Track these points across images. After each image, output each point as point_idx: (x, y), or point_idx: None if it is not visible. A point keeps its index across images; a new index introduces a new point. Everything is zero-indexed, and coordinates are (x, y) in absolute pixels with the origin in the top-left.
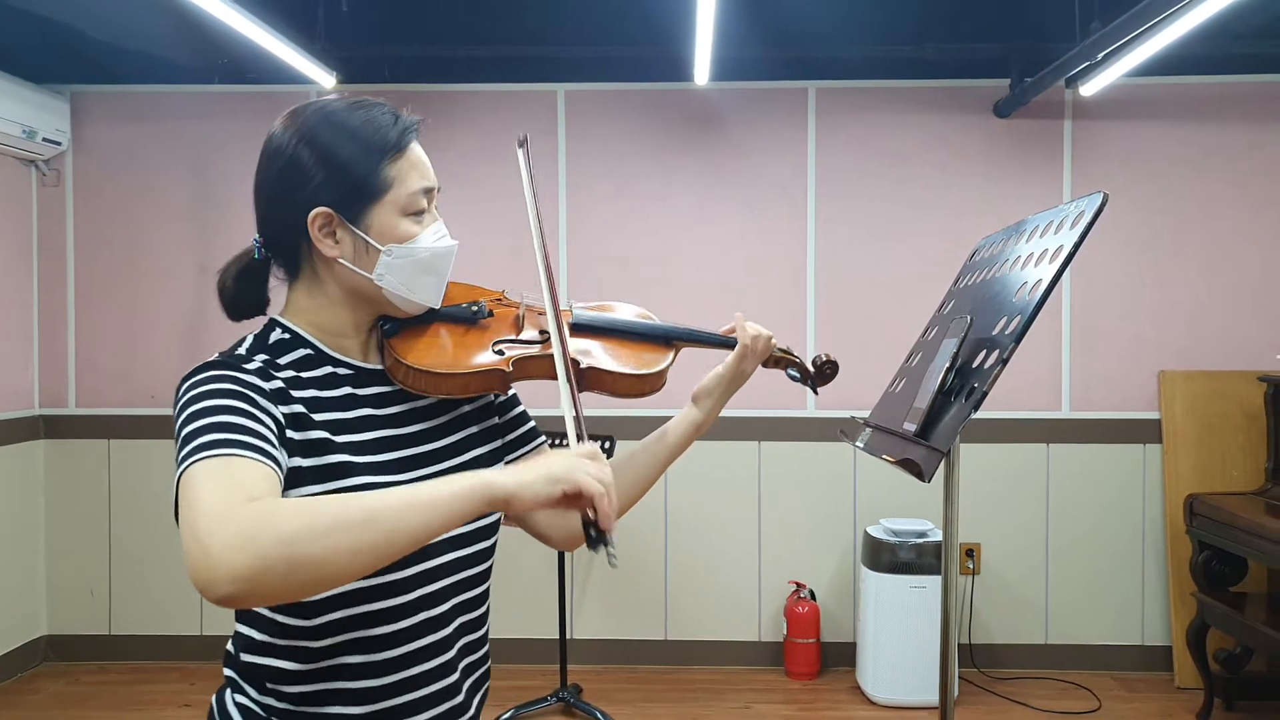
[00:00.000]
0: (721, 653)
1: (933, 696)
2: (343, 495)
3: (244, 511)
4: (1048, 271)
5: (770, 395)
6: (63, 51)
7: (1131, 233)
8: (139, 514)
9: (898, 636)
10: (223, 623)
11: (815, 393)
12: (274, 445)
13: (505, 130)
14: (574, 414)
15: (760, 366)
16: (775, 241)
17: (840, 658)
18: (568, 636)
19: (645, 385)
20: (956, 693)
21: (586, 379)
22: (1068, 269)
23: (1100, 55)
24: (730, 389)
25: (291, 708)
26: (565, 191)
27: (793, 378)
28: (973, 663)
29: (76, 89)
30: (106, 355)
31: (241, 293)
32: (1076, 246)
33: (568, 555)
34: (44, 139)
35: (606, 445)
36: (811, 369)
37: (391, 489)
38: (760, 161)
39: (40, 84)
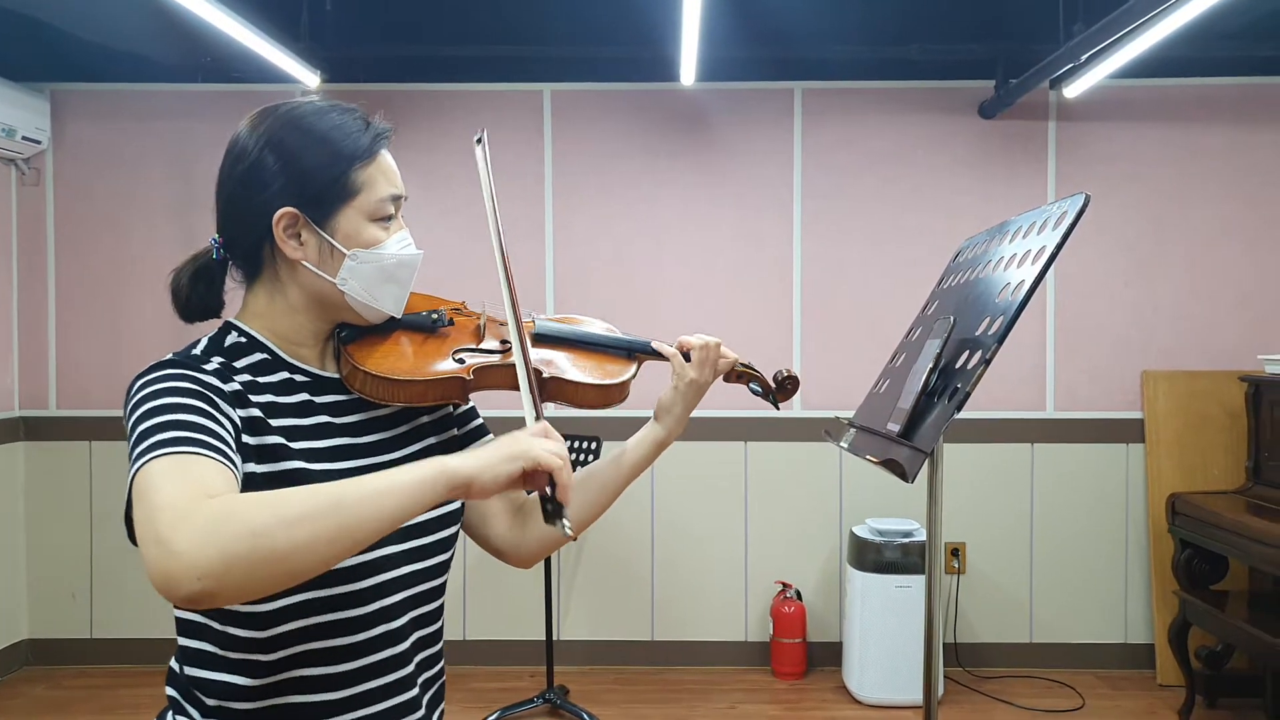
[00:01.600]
0: (708, 653)
1: (918, 695)
2: (306, 486)
3: (206, 506)
4: (1030, 272)
5: (756, 397)
6: (43, 49)
7: (1115, 233)
8: (121, 517)
9: (883, 636)
10: None
11: (776, 407)
12: (231, 448)
13: (492, 131)
14: (531, 395)
15: (722, 381)
16: (761, 241)
17: (826, 657)
18: (554, 638)
19: (608, 396)
20: (941, 692)
21: (549, 389)
22: (1051, 270)
23: (1084, 57)
24: (688, 402)
25: None
26: (551, 192)
27: (755, 392)
28: (958, 662)
29: (57, 87)
30: (88, 356)
31: (195, 293)
32: (1059, 247)
33: (553, 556)
34: (23, 137)
35: (593, 445)
36: (773, 384)
37: (354, 478)
38: (747, 162)
39: (19, 82)
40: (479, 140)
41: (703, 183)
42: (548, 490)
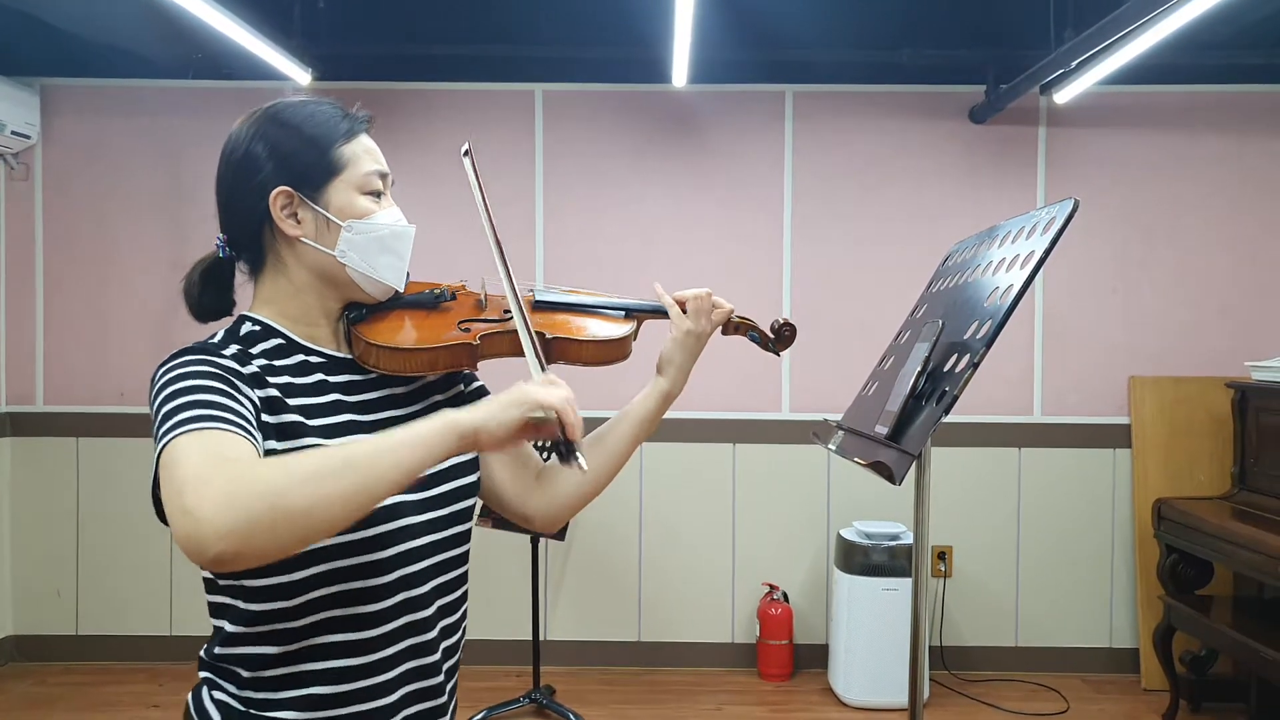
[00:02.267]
0: (695, 654)
1: (904, 698)
2: (319, 449)
3: (225, 470)
4: (1019, 277)
5: (745, 398)
6: (33, 43)
7: (1103, 239)
8: (108, 513)
9: (869, 638)
10: (192, 623)
11: (777, 355)
12: (253, 425)
13: (483, 129)
14: (534, 350)
15: (720, 334)
16: (751, 243)
17: (813, 659)
18: (541, 638)
19: (610, 351)
20: (927, 694)
21: (554, 350)
22: (1040, 274)
23: (1074, 63)
24: (687, 353)
25: (271, 695)
26: (542, 191)
27: (754, 340)
28: (944, 665)
29: (47, 81)
30: (75, 352)
31: (206, 293)
32: (1047, 252)
33: (541, 556)
34: (13, 132)
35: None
36: (770, 334)
37: (365, 437)
38: (737, 164)
39: (9, 76)
40: (466, 153)
41: (693, 184)
42: (559, 434)
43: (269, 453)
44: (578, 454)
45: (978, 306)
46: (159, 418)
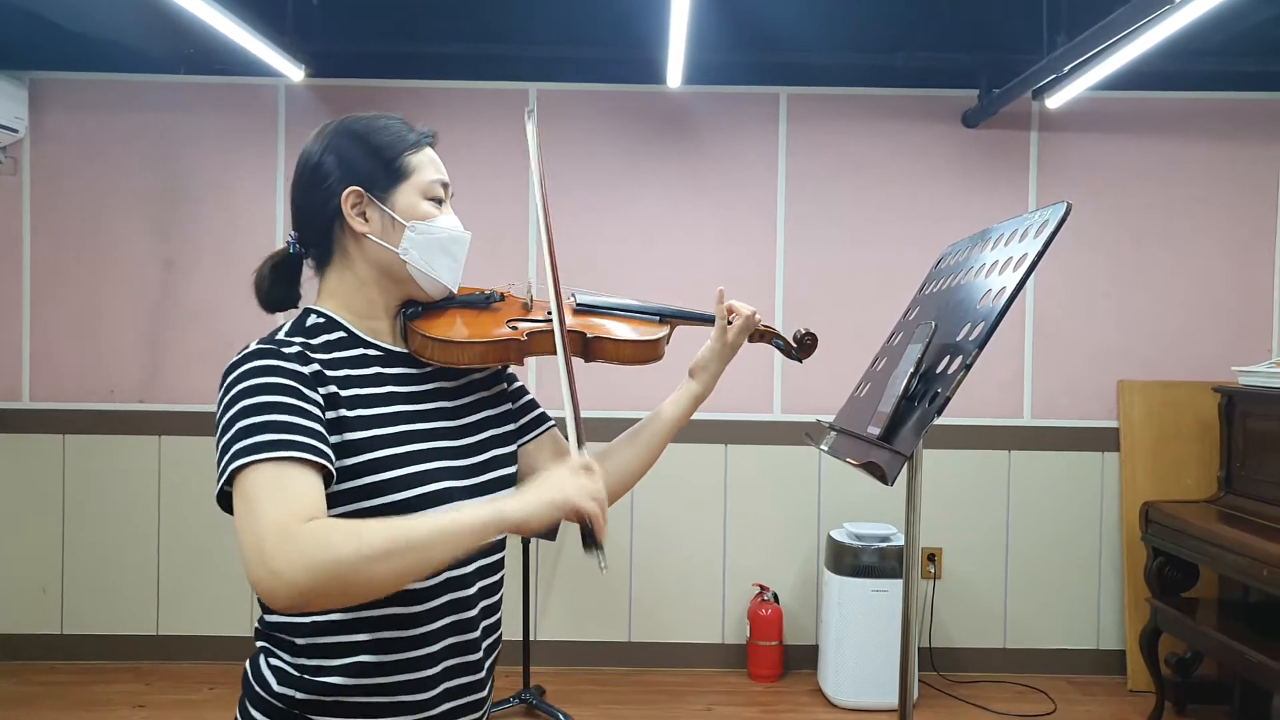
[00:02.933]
0: (685, 655)
1: (893, 699)
2: (386, 523)
3: (304, 533)
4: (1011, 279)
5: (737, 399)
6: (22, 36)
7: (1094, 243)
8: (94, 511)
9: (859, 639)
10: (179, 622)
11: (800, 362)
12: (323, 439)
13: (477, 128)
14: (574, 419)
15: (748, 341)
16: (745, 244)
17: (802, 660)
18: (531, 638)
19: (647, 351)
20: (916, 696)
21: (593, 349)
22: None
23: (1066, 68)
24: (722, 360)
25: (323, 661)
26: (536, 189)
27: (778, 347)
28: (933, 666)
29: (36, 75)
30: (63, 348)
31: (276, 286)
32: (1040, 255)
33: (532, 556)
34: (1, 126)
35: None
36: (794, 342)
37: (425, 519)
38: (731, 165)
39: None
40: (530, 113)
41: (687, 185)
42: (587, 524)
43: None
44: (601, 552)
45: (970, 309)
46: (233, 428)
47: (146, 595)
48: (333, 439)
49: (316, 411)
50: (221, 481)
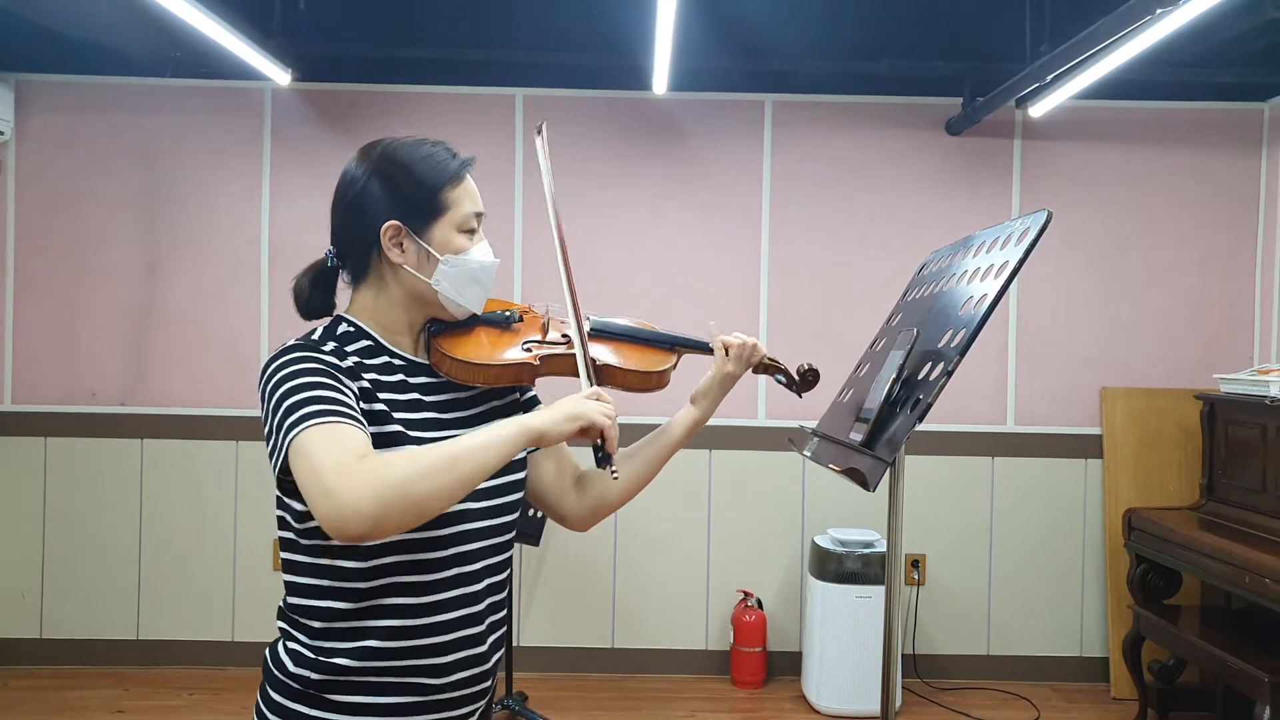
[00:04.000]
0: (668, 661)
1: (876, 706)
2: (428, 446)
3: (361, 466)
4: (993, 286)
5: (722, 405)
6: (8, 37)
7: (1077, 251)
8: (75, 514)
9: (843, 646)
10: (159, 627)
11: (799, 396)
12: (359, 414)
13: (463, 133)
14: (586, 363)
15: (751, 372)
16: (729, 250)
17: (786, 666)
18: (514, 644)
19: (653, 381)
20: (899, 703)
21: (603, 375)
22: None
23: (1049, 77)
24: (722, 389)
25: (337, 644)
26: (521, 196)
27: (780, 382)
28: (916, 673)
29: (22, 77)
30: (46, 350)
31: (315, 295)
32: (1021, 262)
33: (516, 562)
34: None
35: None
36: (796, 376)
37: (461, 438)
38: (716, 171)
39: None
40: (539, 131)
41: (672, 191)
42: (599, 441)
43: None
44: (611, 463)
45: (952, 315)
46: (282, 409)
47: (127, 600)
48: (372, 429)
49: (352, 399)
50: (281, 458)
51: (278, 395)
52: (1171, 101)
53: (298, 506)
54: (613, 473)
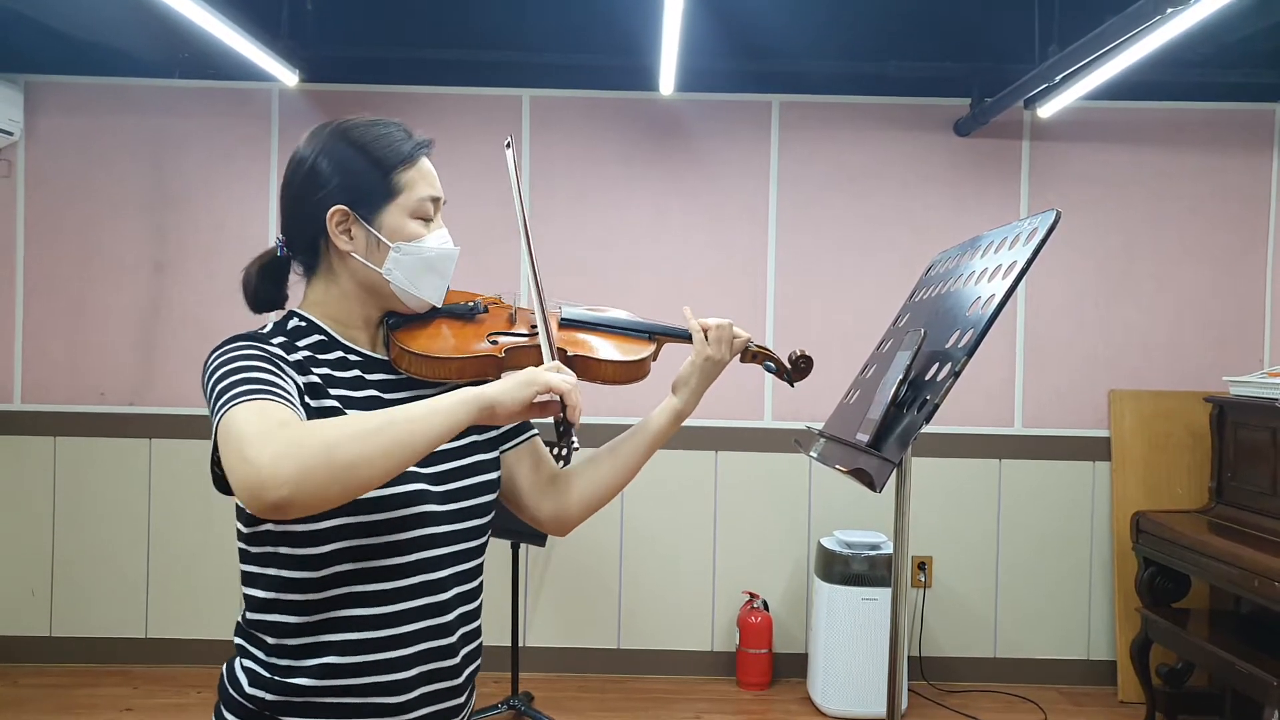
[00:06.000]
0: (674, 662)
1: (882, 708)
2: (366, 413)
3: (284, 429)
4: (1001, 287)
5: (728, 405)
6: (17, 39)
7: (1085, 252)
8: (84, 513)
9: (849, 648)
10: (167, 625)
11: (792, 385)
12: (297, 401)
13: (470, 134)
14: (548, 342)
15: (738, 361)
16: (736, 251)
17: (792, 668)
18: (520, 644)
19: (630, 372)
20: (905, 705)
21: (576, 366)
22: (1022, 287)
23: (1058, 78)
24: (704, 377)
25: (292, 662)
26: (528, 196)
27: (769, 370)
28: (923, 675)
29: (31, 78)
30: (55, 350)
31: (263, 287)
32: (1029, 263)
33: (521, 562)
34: None
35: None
36: (788, 364)
37: (401, 405)
38: (723, 172)
39: None
40: (508, 145)
41: (678, 191)
42: (560, 415)
43: None
44: (573, 435)
45: (959, 316)
46: (214, 393)
47: (135, 598)
48: None
49: (293, 389)
50: (213, 445)
51: (211, 383)
52: (1181, 102)
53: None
54: (573, 444)
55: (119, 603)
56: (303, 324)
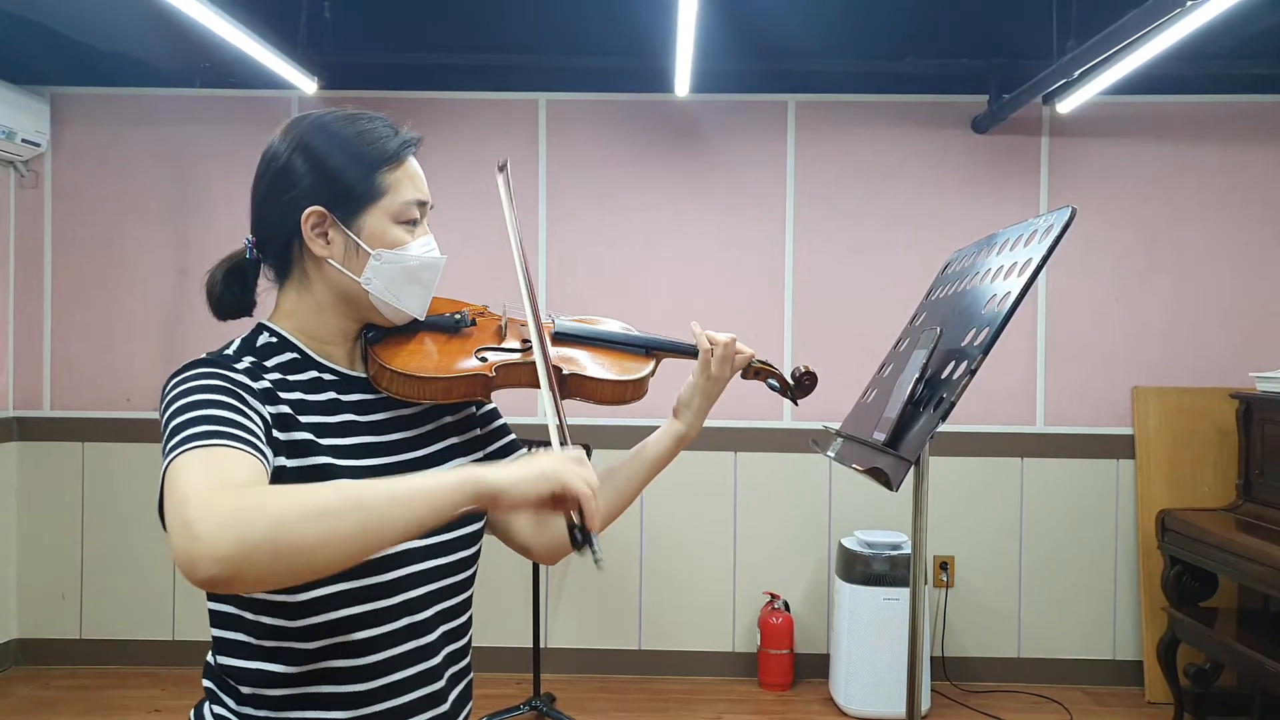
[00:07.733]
0: (695, 663)
1: (904, 708)
2: (333, 482)
3: (233, 495)
4: (1016, 284)
5: (747, 406)
6: (43, 52)
7: (1106, 248)
8: (112, 518)
9: (870, 648)
10: (195, 628)
11: (795, 403)
12: (262, 441)
13: (487, 138)
14: (557, 420)
15: (740, 378)
16: (753, 252)
17: (813, 669)
18: (541, 645)
19: (627, 392)
20: (927, 705)
21: (569, 385)
22: (1042, 285)
23: (1076, 73)
24: (707, 398)
25: (271, 713)
26: (545, 199)
27: (772, 388)
28: (945, 675)
29: (57, 90)
30: (82, 358)
31: (229, 292)
32: (1045, 259)
33: (542, 564)
34: (23, 140)
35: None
36: (791, 381)
37: (382, 479)
38: (739, 173)
39: (20, 84)
40: (501, 169)
41: (695, 193)
42: (575, 518)
43: (279, 469)
44: (594, 546)
45: (975, 314)
46: (168, 430)
47: (163, 601)
48: (293, 462)
49: (259, 422)
50: (160, 490)
51: (166, 417)
52: (1202, 95)
53: None
54: (596, 559)
55: (147, 605)
56: (273, 340)
